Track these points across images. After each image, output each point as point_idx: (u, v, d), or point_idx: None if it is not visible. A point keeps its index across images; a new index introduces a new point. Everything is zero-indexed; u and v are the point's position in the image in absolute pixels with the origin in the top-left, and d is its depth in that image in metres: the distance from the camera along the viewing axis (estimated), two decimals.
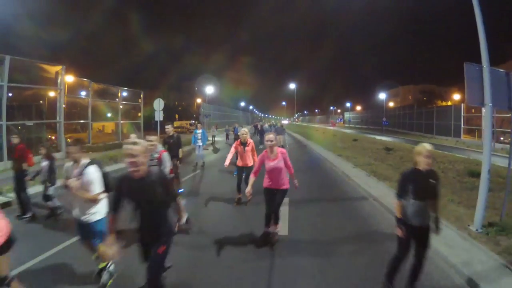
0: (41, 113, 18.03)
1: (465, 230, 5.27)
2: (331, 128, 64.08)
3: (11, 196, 7.44)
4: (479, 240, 4.86)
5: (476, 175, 9.62)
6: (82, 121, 21.64)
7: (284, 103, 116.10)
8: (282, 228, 5.53)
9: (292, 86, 62.43)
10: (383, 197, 7.43)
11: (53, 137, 17.75)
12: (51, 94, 17.94)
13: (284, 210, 6.45)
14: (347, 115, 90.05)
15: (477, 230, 5.19)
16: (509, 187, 5.58)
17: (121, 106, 24.68)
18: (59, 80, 17.72)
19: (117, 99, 24.33)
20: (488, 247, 4.58)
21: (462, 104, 27.50)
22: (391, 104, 73.94)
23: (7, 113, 13.45)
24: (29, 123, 16.51)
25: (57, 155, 15.83)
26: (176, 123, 47.02)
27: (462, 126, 27.14)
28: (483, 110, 5.73)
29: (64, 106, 17.70)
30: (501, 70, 5.38)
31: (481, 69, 5.09)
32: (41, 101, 19.00)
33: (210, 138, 24.41)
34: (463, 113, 27.14)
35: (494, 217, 5.73)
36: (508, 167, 5.64)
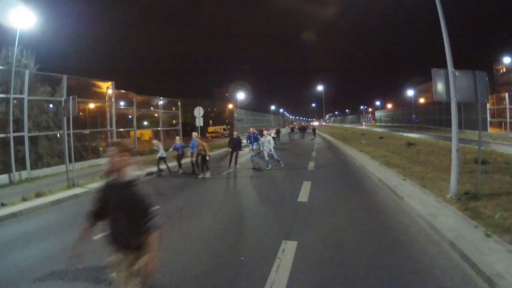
0: (95, 123, 20.74)
1: (442, 197, 6.92)
2: (361, 127, 64.45)
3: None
4: (450, 203, 6.49)
5: (481, 162, 10.96)
6: (129, 129, 24.48)
7: (314, 104, 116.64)
8: (303, 197, 7.87)
9: (320, 88, 63.56)
10: (386, 178, 9.37)
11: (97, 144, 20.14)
12: (103, 106, 20.57)
13: (306, 187, 8.90)
14: (377, 113, 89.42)
15: (451, 196, 6.82)
16: (480, 166, 7.16)
17: (156, 114, 27.25)
18: (109, 94, 20.50)
19: (151, 108, 26.99)
20: (454, 207, 6.20)
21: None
22: (422, 100, 72.94)
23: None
24: (86, 132, 19.20)
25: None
26: (211, 129, 49.77)
27: (488, 119, 27.48)
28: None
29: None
30: (468, 70, 6.96)
31: (447, 72, 6.75)
32: (93, 113, 21.74)
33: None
34: (489, 106, 27.48)
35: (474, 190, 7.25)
36: (479, 150, 7.24)
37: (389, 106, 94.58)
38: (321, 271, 4.03)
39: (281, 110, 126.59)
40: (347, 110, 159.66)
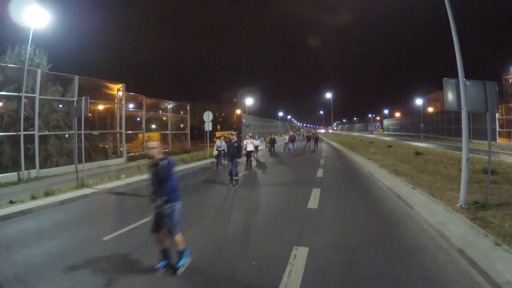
0: (104, 124, 20.88)
1: (451, 206, 6.86)
2: (369, 135, 64.11)
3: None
4: (459, 212, 6.45)
5: (490, 172, 10.87)
6: (138, 131, 24.64)
7: (322, 111, 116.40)
8: (313, 204, 7.92)
9: (329, 95, 62.99)
10: (395, 186, 9.32)
11: (106, 145, 20.28)
12: (112, 107, 20.75)
13: (315, 194, 8.97)
14: (386, 122, 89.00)
15: (461, 206, 6.76)
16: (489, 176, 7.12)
17: (164, 118, 27.36)
18: (120, 96, 20.69)
19: (160, 111, 27.17)
20: (464, 216, 6.16)
21: None
22: (430, 109, 72.38)
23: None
24: (95, 132, 19.38)
25: (118, 160, 18.71)
26: (218, 133, 49.95)
27: (497, 129, 27.23)
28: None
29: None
30: (479, 80, 6.94)
31: (458, 82, 6.74)
32: (102, 114, 21.89)
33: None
34: (498, 116, 27.26)
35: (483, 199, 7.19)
36: (489, 160, 7.19)
37: (397, 114, 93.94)
38: (333, 277, 4.04)
39: (289, 117, 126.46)
40: (354, 118, 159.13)
